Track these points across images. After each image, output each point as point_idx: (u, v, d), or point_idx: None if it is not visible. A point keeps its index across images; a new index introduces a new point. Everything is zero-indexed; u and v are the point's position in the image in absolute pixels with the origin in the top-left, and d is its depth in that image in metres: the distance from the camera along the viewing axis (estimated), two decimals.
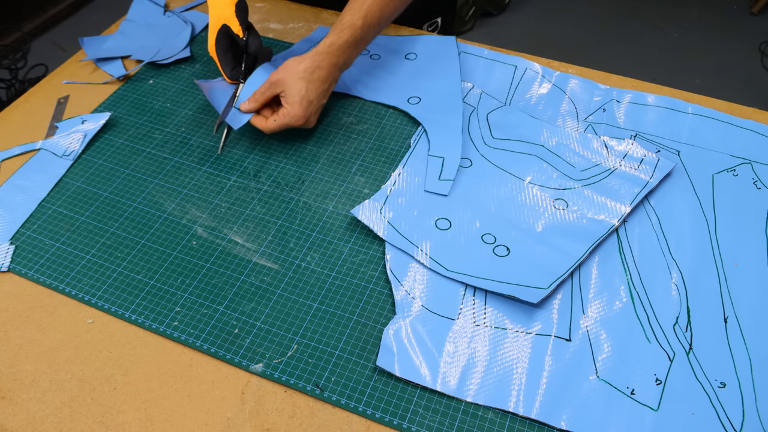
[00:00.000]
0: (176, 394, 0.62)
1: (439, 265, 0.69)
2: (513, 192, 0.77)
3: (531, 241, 0.71)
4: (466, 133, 0.83)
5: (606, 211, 0.74)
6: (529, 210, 0.75)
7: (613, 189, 0.76)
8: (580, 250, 0.70)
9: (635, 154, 0.80)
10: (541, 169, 0.79)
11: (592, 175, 0.78)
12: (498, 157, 0.81)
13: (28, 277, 0.71)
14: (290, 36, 1.03)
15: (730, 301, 0.67)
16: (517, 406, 0.60)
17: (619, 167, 0.79)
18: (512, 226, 0.73)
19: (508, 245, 0.71)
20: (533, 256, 0.70)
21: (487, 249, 0.71)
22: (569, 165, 0.80)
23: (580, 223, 0.73)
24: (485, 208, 0.75)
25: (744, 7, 2.53)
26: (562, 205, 0.75)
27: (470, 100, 0.88)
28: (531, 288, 0.66)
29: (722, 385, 0.61)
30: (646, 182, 0.77)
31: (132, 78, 0.96)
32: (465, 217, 0.74)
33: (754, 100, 2.11)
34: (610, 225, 0.72)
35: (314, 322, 0.67)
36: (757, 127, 0.84)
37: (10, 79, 2.05)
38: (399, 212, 0.74)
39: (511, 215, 0.74)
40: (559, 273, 0.67)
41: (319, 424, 0.59)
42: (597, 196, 0.76)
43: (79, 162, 0.84)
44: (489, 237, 0.72)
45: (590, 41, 2.38)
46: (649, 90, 0.91)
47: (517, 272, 0.68)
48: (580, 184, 0.77)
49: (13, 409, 0.61)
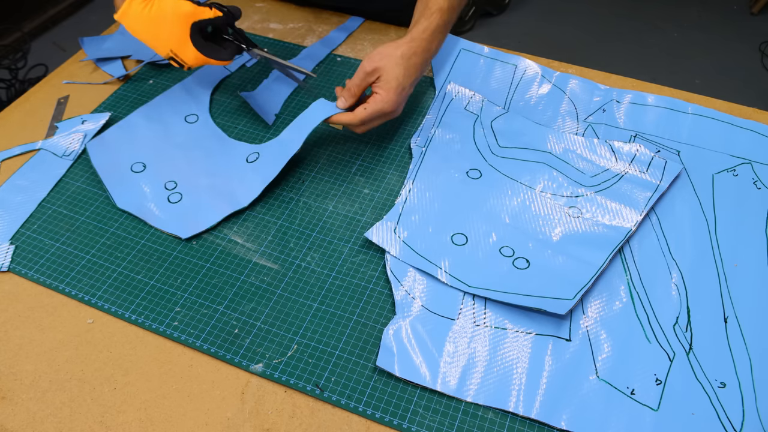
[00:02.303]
0: (176, 394, 0.62)
1: (459, 281, 0.68)
2: (526, 202, 0.76)
3: (550, 251, 0.71)
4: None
5: (620, 216, 0.73)
6: (543, 219, 0.74)
7: (625, 194, 0.76)
8: (600, 258, 0.69)
9: (643, 157, 0.79)
10: (551, 177, 0.78)
11: (603, 181, 0.78)
12: (507, 167, 0.80)
13: (28, 277, 0.71)
14: (290, 36, 1.03)
15: (730, 301, 0.67)
16: (517, 406, 0.60)
17: (628, 171, 0.78)
18: (529, 237, 0.72)
19: (527, 257, 0.70)
20: (554, 267, 0.69)
21: (506, 262, 0.70)
22: (578, 171, 0.79)
23: (596, 230, 0.73)
24: (499, 219, 0.74)
25: (744, 7, 2.53)
26: (576, 213, 0.74)
27: (472, 108, 0.87)
28: (556, 300, 0.65)
29: (722, 385, 0.61)
30: (657, 186, 0.76)
31: (132, 78, 0.96)
32: (480, 230, 0.73)
33: (754, 100, 2.10)
34: (627, 230, 0.72)
35: (314, 322, 0.67)
36: (757, 127, 0.84)
37: (10, 79, 2.05)
38: (413, 231, 0.73)
39: (526, 226, 0.74)
40: (582, 282, 0.66)
41: (319, 424, 0.59)
42: (610, 202, 0.75)
43: (79, 162, 0.84)
44: (507, 250, 0.71)
45: (590, 41, 2.38)
46: (649, 90, 0.91)
47: (540, 284, 0.67)
48: (592, 191, 0.77)
49: (13, 409, 0.61)
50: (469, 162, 0.81)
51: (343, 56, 0.98)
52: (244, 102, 0.91)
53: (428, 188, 0.78)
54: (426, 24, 0.78)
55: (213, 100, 0.92)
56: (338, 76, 0.95)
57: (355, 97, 0.77)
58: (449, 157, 0.81)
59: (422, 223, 0.74)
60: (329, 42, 1.01)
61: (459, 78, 0.92)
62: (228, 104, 0.91)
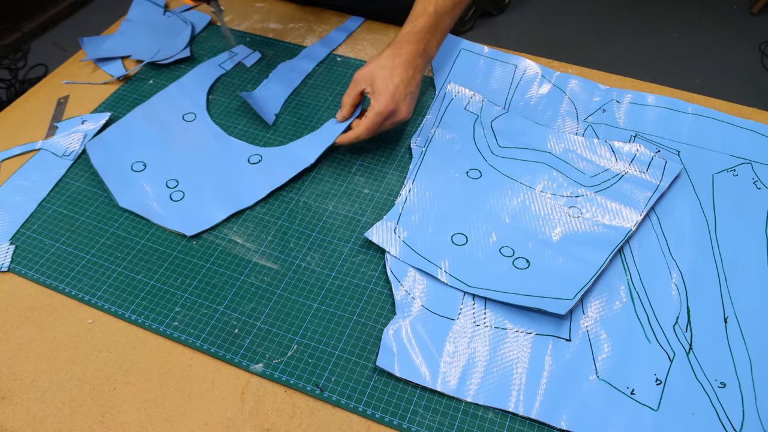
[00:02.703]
0: (176, 394, 0.62)
1: (459, 281, 0.68)
2: (526, 201, 0.76)
3: (550, 251, 0.71)
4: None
5: (620, 216, 0.73)
6: (543, 219, 0.74)
7: (625, 194, 0.76)
8: (600, 258, 0.69)
9: (643, 157, 0.79)
10: (551, 177, 0.79)
11: (603, 181, 0.78)
12: (507, 167, 0.80)
13: (28, 277, 0.71)
14: (290, 36, 1.03)
15: (730, 301, 0.67)
16: (517, 406, 0.60)
17: (628, 171, 0.78)
18: (529, 237, 0.72)
19: (527, 257, 0.70)
20: (554, 267, 0.69)
21: (506, 262, 0.70)
22: (578, 171, 0.79)
23: (596, 230, 0.73)
24: (499, 219, 0.74)
25: (744, 7, 2.53)
26: (576, 213, 0.74)
27: (472, 108, 0.87)
28: (556, 300, 0.65)
29: (722, 385, 0.61)
30: (657, 186, 0.76)
31: (132, 78, 0.96)
32: (480, 230, 0.73)
33: (754, 100, 2.11)
34: (627, 230, 0.72)
35: (314, 322, 0.67)
36: (757, 127, 0.84)
37: (10, 79, 2.05)
38: (413, 231, 0.73)
39: (526, 226, 0.74)
40: (582, 282, 0.66)
41: (319, 424, 0.59)
42: (610, 202, 0.75)
43: (79, 162, 0.84)
44: (507, 249, 0.71)
45: (590, 41, 2.38)
46: (649, 90, 0.91)
47: (540, 284, 0.67)
48: (592, 191, 0.77)
49: (13, 409, 0.61)
50: (469, 162, 0.81)
51: (343, 56, 0.98)
52: (244, 102, 0.91)
53: (428, 188, 0.78)
54: (409, 27, 0.80)
55: (212, 101, 0.92)
56: (338, 76, 0.95)
57: (351, 106, 0.81)
58: (449, 157, 0.81)
59: (422, 223, 0.74)
60: (329, 42, 1.01)
61: (459, 78, 0.92)
62: (228, 104, 0.91)
